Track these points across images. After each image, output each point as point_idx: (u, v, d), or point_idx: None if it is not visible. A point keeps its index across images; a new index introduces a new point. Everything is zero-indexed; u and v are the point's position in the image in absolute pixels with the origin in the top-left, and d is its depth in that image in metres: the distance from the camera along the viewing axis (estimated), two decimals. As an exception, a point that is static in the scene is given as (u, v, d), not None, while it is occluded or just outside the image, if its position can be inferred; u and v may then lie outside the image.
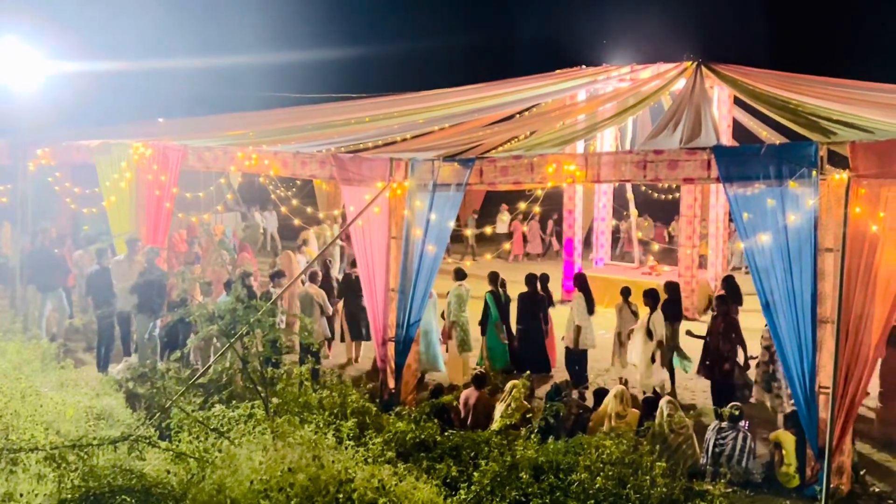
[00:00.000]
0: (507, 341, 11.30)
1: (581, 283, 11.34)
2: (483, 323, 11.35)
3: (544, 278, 11.83)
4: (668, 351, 10.56)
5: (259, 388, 7.18)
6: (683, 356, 10.84)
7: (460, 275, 11.48)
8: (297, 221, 17.16)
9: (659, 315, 10.33)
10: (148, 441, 6.07)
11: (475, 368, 10.52)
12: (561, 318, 11.81)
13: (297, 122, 14.50)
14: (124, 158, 13.13)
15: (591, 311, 11.13)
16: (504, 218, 23.10)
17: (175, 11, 27.99)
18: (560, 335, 11.57)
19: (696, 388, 10.94)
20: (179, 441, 6.33)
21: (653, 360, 10.29)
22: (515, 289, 11.66)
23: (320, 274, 11.97)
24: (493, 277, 11.46)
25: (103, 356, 11.51)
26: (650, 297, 10.42)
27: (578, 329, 11.00)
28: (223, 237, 16.04)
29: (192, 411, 6.94)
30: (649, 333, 10.29)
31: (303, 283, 11.82)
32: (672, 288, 11.32)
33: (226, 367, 8.01)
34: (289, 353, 10.43)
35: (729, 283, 11.48)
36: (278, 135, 13.44)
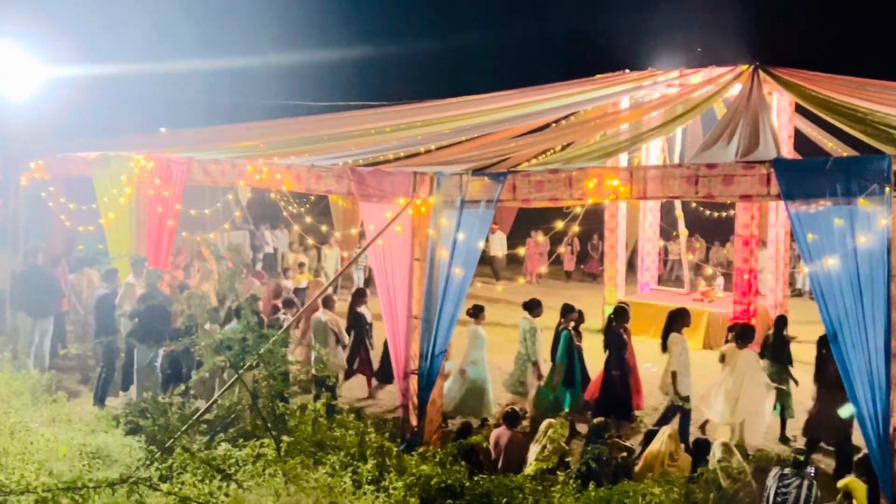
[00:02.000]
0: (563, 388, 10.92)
1: (679, 320, 10.76)
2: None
3: (622, 312, 11.37)
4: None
5: (269, 426, 7.20)
6: (787, 405, 10.55)
7: (530, 306, 11.23)
8: (310, 241, 17.28)
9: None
10: (148, 484, 6.11)
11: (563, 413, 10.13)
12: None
13: (312, 132, 14.62)
14: (124, 172, 13.30)
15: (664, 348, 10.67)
16: (498, 238, 22.99)
17: (180, 13, 28.44)
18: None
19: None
20: (183, 483, 6.36)
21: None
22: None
23: (335, 299, 12.03)
24: (568, 311, 11.05)
25: (101, 389, 11.60)
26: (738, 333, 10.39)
27: (674, 375, 10.45)
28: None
29: (197, 450, 6.97)
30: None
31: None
32: (780, 323, 10.99)
33: (233, 403, 8.05)
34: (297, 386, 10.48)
35: None
36: (291, 146, 13.56)
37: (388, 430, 9.11)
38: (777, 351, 10.47)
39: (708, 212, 21.13)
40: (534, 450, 8.75)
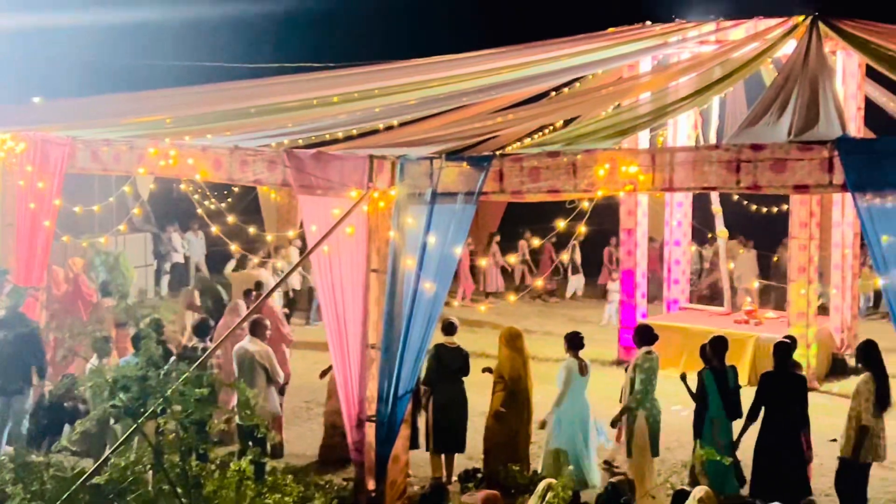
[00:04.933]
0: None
1: (868, 354, 10.32)
2: (697, 418, 10.61)
3: (791, 347, 10.98)
4: None
5: (179, 491, 7.18)
6: None
7: (647, 337, 10.95)
8: (234, 247, 17.22)
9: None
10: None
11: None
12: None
13: (236, 103, 14.61)
14: (-15, 156, 13.22)
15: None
16: None
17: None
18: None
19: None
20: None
21: None
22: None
23: (266, 325, 11.99)
24: (719, 345, 10.67)
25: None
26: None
27: (865, 430, 10.14)
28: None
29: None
30: None
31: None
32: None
33: (131, 461, 7.99)
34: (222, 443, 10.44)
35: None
36: (208, 122, 13.55)
37: (338, 496, 9.11)
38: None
39: (755, 207, 21.30)
40: (528, 520, 8.78)
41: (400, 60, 15.82)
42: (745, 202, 20.74)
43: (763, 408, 10.31)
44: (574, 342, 11.11)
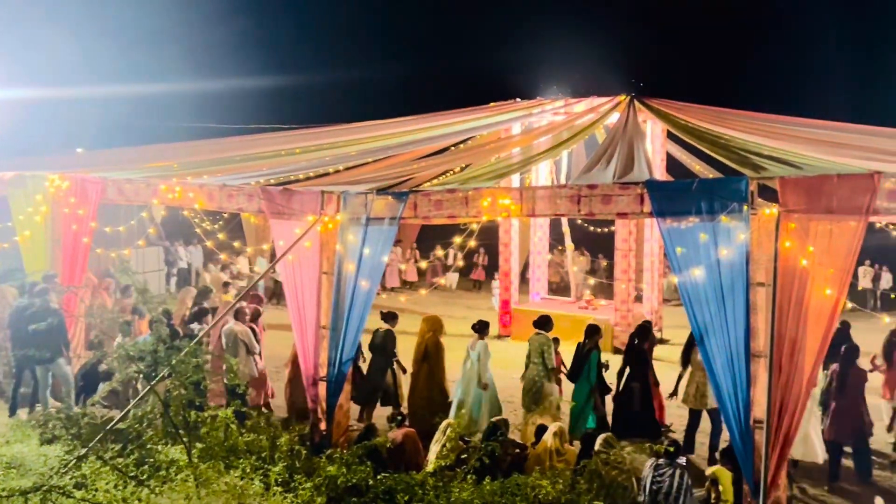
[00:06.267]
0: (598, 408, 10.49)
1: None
2: (576, 381, 10.66)
3: (646, 328, 11.20)
4: None
5: (181, 433, 7.01)
6: None
7: (537, 323, 10.99)
8: (223, 256, 16.93)
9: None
10: (62, 491, 5.86)
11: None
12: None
13: (224, 153, 14.34)
14: (40, 191, 12.78)
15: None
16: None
17: (95, 37, 27.53)
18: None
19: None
20: (96, 490, 6.12)
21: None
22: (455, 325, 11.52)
23: (246, 311, 11.77)
24: (593, 331, 10.76)
25: (17, 400, 11.08)
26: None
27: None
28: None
29: (110, 458, 6.73)
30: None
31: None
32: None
33: (146, 412, 7.80)
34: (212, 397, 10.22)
35: None
36: (204, 166, 13.27)
37: (298, 434, 8.96)
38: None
39: (591, 227, 21.64)
40: (434, 449, 8.77)
41: (343, 124, 15.72)
42: (585, 224, 21.07)
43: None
44: (473, 327, 11.19)
